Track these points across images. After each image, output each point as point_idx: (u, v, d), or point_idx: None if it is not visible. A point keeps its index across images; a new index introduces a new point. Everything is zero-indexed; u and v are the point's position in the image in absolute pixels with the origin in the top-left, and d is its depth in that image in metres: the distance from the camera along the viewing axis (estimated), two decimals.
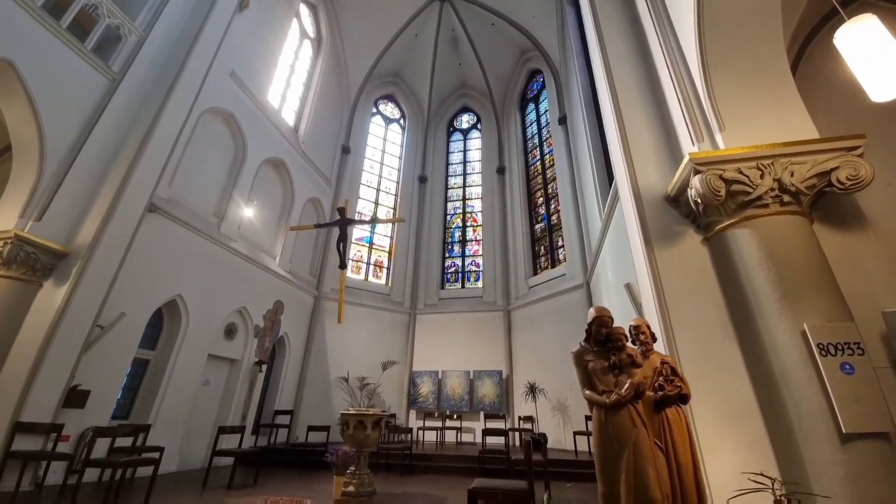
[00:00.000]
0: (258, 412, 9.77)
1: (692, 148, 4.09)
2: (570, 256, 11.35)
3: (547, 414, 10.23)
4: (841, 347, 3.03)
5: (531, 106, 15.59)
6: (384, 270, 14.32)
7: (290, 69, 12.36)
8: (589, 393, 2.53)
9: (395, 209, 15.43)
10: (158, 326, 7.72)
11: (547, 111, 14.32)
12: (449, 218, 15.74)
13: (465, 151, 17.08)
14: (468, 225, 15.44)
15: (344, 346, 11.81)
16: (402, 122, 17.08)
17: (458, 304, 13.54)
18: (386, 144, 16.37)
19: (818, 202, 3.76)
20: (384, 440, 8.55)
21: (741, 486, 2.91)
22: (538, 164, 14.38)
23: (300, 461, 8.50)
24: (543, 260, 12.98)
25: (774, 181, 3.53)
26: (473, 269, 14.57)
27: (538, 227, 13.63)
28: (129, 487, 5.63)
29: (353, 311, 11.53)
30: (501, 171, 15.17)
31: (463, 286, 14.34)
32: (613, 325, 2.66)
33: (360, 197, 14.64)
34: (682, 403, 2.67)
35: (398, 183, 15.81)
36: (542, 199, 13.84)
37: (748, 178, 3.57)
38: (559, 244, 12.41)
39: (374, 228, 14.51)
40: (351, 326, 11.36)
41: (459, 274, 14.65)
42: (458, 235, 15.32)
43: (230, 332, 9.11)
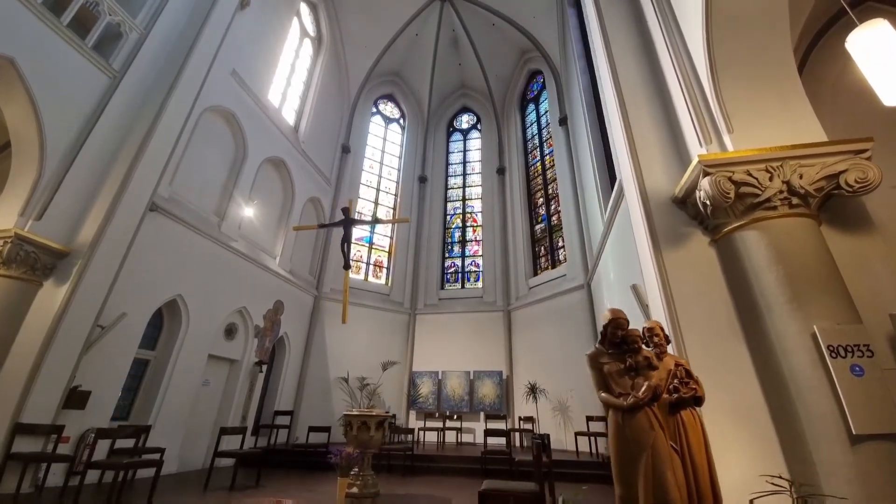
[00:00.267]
0: (258, 413, 9.71)
1: (699, 149, 4.10)
2: (570, 257, 11.37)
3: (547, 414, 10.24)
4: (851, 349, 3.05)
5: (531, 106, 15.60)
6: (384, 270, 14.29)
7: (290, 68, 12.31)
8: (605, 395, 2.52)
9: (394, 209, 15.39)
10: (158, 326, 7.65)
11: (547, 112, 14.33)
12: (449, 218, 15.73)
13: (464, 151, 17.07)
14: (468, 225, 15.43)
15: (344, 346, 11.77)
16: (401, 121, 17.05)
17: (458, 304, 13.53)
18: (386, 144, 16.33)
19: (825, 205, 3.78)
20: (386, 441, 8.52)
21: (750, 486, 2.92)
22: (538, 164, 14.40)
23: (301, 462, 8.47)
24: (544, 260, 12.99)
25: (783, 183, 3.55)
26: (473, 269, 14.57)
27: (538, 227, 13.64)
28: (129, 489, 5.58)
29: (352, 311, 11.43)
30: (501, 171, 15.16)
31: (463, 286, 14.33)
32: (628, 327, 2.66)
33: (360, 197, 14.59)
34: (696, 406, 2.67)
35: (398, 183, 15.78)
36: (542, 199, 13.85)
37: (757, 180, 3.58)
38: (559, 245, 12.43)
39: (373, 228, 14.47)
40: (351, 326, 11.26)
41: (459, 274, 14.64)
42: (457, 236, 15.30)
43: (230, 332, 9.05)
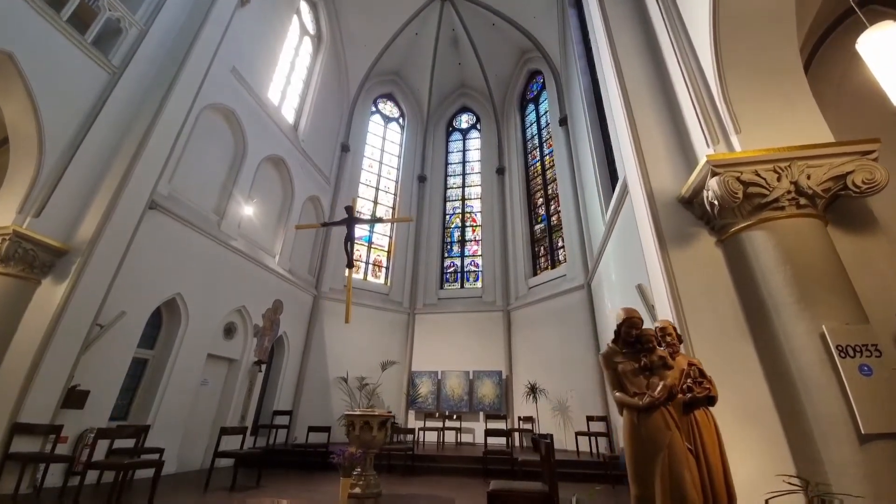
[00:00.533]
0: (256, 412, 9.65)
1: (706, 150, 4.11)
2: (570, 257, 11.38)
3: (547, 414, 10.25)
4: (859, 349, 3.06)
5: (531, 107, 15.62)
6: (383, 270, 14.25)
7: (290, 66, 12.24)
8: (619, 395, 2.51)
9: (394, 208, 15.36)
10: (157, 325, 7.58)
11: (547, 112, 14.35)
12: (448, 218, 15.71)
13: (464, 151, 17.06)
14: (467, 225, 15.42)
15: (343, 345, 11.72)
16: (401, 121, 17.01)
17: (457, 304, 13.52)
18: (385, 143, 16.28)
19: (830, 205, 3.80)
20: (388, 441, 8.50)
21: (757, 485, 2.93)
22: (538, 164, 14.41)
23: (300, 462, 8.42)
24: (543, 260, 13.00)
25: (791, 184, 3.56)
26: (473, 269, 14.56)
27: (538, 227, 13.65)
28: (128, 490, 5.51)
29: (353, 310, 11.41)
30: (501, 171, 15.16)
31: (462, 286, 14.31)
32: (643, 326, 2.65)
33: (359, 196, 14.54)
34: (709, 405, 2.67)
35: (397, 182, 15.75)
36: (541, 199, 13.87)
37: (765, 180, 3.59)
38: (559, 245, 12.44)
39: (373, 228, 14.43)
40: (350, 326, 11.15)
41: (458, 274, 14.62)
42: (457, 235, 15.29)
43: (229, 331, 8.98)
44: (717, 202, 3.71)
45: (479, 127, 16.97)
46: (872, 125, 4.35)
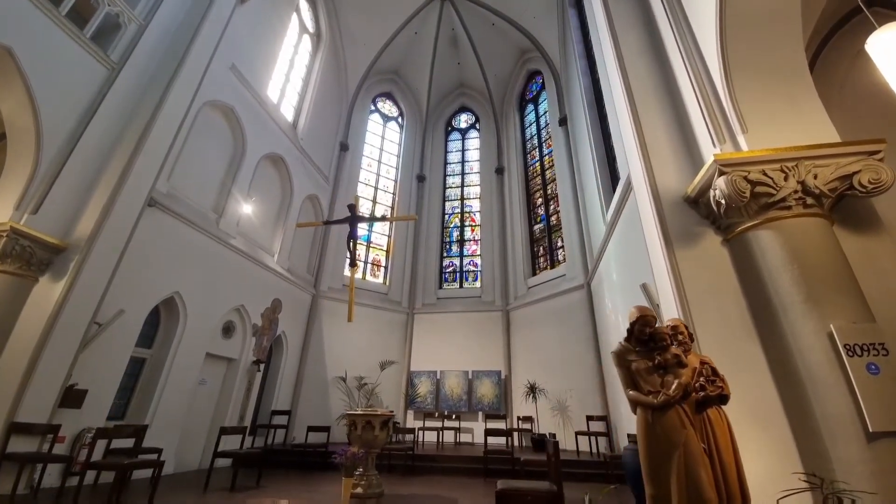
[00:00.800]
0: (255, 412, 9.57)
1: (712, 149, 4.11)
2: (570, 257, 11.39)
3: (547, 414, 10.25)
4: (867, 348, 3.07)
5: (530, 107, 15.63)
6: (382, 269, 14.20)
7: (289, 64, 12.16)
8: (633, 393, 2.50)
9: (392, 208, 15.31)
10: (155, 324, 7.50)
11: (546, 112, 14.36)
12: (447, 217, 15.69)
13: (463, 151, 17.05)
14: (466, 225, 15.41)
15: (342, 345, 11.67)
16: (400, 120, 16.97)
17: (456, 303, 13.50)
18: (384, 142, 16.23)
19: (836, 205, 3.81)
20: (389, 441, 8.47)
21: (765, 484, 2.93)
22: (537, 164, 14.42)
23: (299, 462, 8.36)
24: (542, 260, 13.01)
25: (798, 183, 3.57)
26: (472, 268, 14.55)
27: (537, 227, 13.66)
28: (126, 490, 5.44)
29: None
30: (500, 171, 15.16)
31: (461, 286, 14.30)
32: (656, 324, 2.64)
33: (358, 195, 14.47)
34: (721, 404, 2.67)
35: (396, 181, 15.70)
36: (541, 199, 13.88)
37: (772, 179, 3.60)
38: (558, 245, 12.45)
39: (371, 226, 14.37)
40: (349, 326, 11.12)
41: (457, 274, 14.60)
42: (456, 235, 15.27)
43: (228, 330, 8.91)
44: (724, 201, 3.71)
45: (478, 127, 16.97)
46: (875, 126, 4.37)
